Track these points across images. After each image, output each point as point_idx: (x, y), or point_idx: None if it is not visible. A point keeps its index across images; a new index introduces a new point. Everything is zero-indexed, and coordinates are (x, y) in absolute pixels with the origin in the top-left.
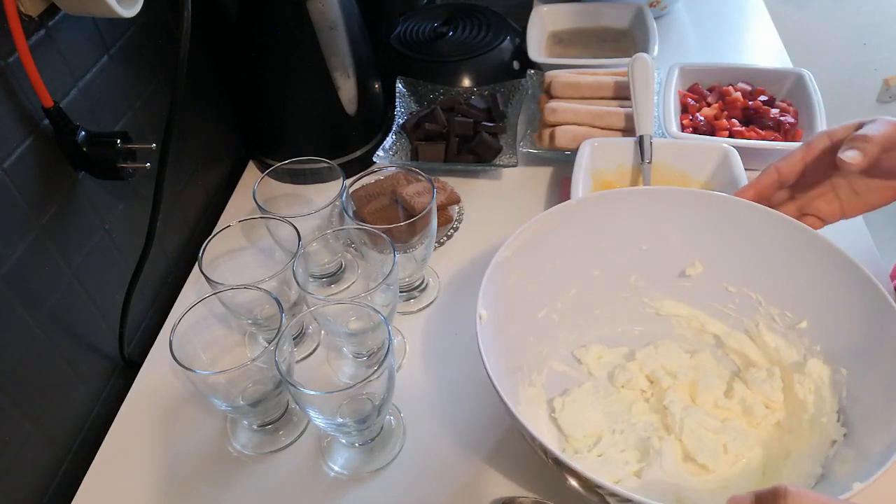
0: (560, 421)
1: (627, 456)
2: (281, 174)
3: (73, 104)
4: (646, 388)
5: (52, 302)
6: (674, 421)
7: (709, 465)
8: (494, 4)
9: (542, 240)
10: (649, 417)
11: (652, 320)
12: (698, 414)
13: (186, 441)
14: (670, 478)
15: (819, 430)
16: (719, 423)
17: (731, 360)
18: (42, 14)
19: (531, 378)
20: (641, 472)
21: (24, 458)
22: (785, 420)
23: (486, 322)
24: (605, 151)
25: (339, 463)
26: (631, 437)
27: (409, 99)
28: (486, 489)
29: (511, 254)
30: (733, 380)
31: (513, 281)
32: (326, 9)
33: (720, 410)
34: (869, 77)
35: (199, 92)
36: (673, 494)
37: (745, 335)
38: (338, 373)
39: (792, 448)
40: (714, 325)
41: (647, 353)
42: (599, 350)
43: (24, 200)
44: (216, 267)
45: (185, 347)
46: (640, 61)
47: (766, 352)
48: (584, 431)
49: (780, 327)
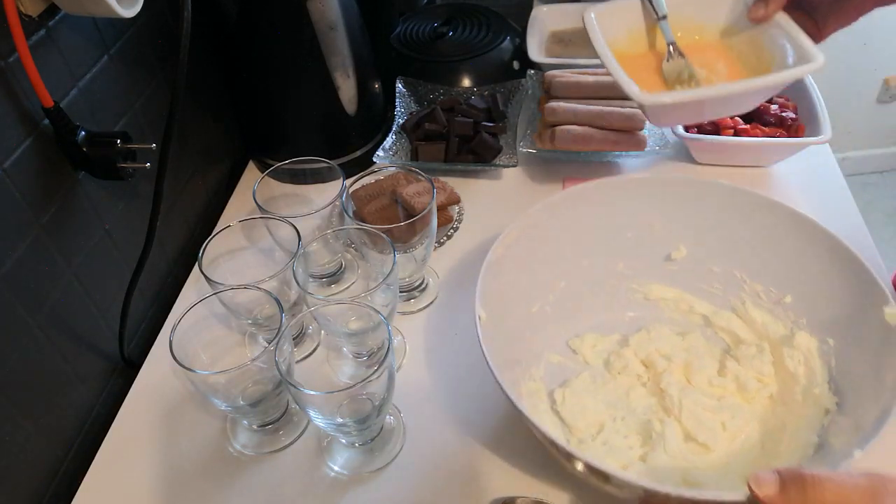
0: (562, 413)
1: (631, 441)
2: (281, 174)
3: (73, 104)
4: (642, 372)
5: (52, 302)
6: (672, 403)
7: (710, 444)
8: (494, 4)
9: (529, 236)
10: (648, 401)
11: (641, 305)
12: (695, 394)
13: (186, 441)
14: (675, 460)
15: (812, 401)
16: (716, 401)
17: (720, 339)
18: (42, 14)
19: (530, 372)
20: (646, 457)
21: (24, 458)
22: (778, 393)
23: (485, 321)
24: (611, 20)
25: (339, 463)
26: (632, 422)
27: (409, 99)
28: (487, 489)
29: (502, 253)
30: (725, 358)
31: (506, 279)
32: (326, 9)
33: (715, 389)
34: (869, 77)
35: (199, 92)
36: (679, 475)
37: (732, 313)
38: (338, 373)
39: (787, 420)
40: (702, 305)
41: (639, 338)
42: (593, 339)
43: (24, 200)
44: (216, 267)
45: (185, 347)
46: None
47: (753, 328)
48: (586, 421)
49: (766, 303)
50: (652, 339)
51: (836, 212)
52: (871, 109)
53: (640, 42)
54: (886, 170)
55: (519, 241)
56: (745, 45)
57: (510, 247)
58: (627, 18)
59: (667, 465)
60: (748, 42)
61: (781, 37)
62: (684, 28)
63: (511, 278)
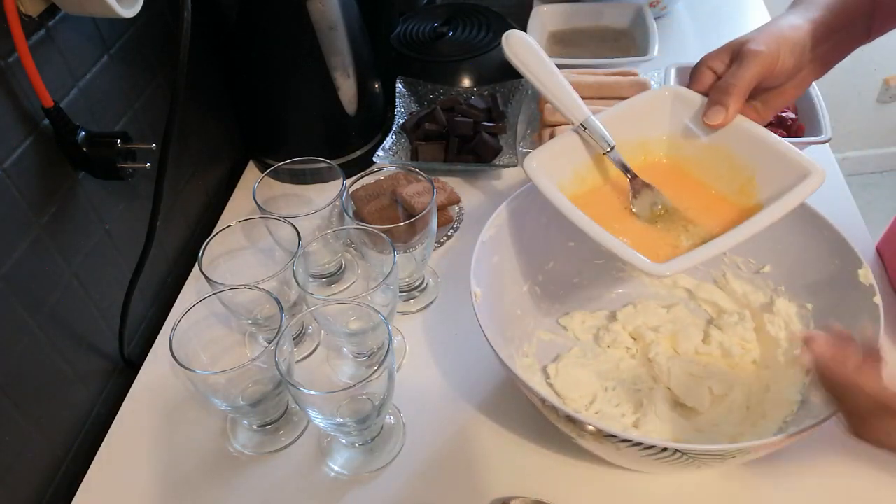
0: (556, 386)
1: (623, 409)
2: (281, 174)
3: (73, 104)
4: (630, 345)
5: (52, 302)
6: (661, 371)
7: (698, 407)
8: (494, 4)
9: (518, 217)
10: (637, 371)
11: (627, 282)
12: (682, 362)
13: (186, 441)
14: (665, 424)
15: (794, 362)
16: (702, 368)
17: (704, 311)
18: (42, 14)
19: (523, 349)
20: (639, 423)
21: (24, 458)
22: (761, 358)
23: (480, 300)
24: (554, 164)
25: (339, 463)
26: (623, 391)
27: (409, 99)
28: (486, 489)
29: (494, 233)
30: (709, 327)
31: (497, 259)
32: (326, 9)
33: (701, 356)
34: (869, 77)
35: (199, 92)
36: (669, 436)
37: (713, 285)
38: (338, 373)
39: (770, 382)
40: (684, 279)
41: (627, 312)
42: (582, 315)
43: (24, 200)
44: (216, 267)
45: (185, 347)
46: (513, 38)
47: (734, 298)
48: (579, 392)
49: (746, 273)
50: (639, 312)
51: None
52: (871, 109)
53: (589, 178)
54: (886, 170)
55: (509, 221)
56: (707, 156)
57: (501, 227)
58: (571, 157)
59: (658, 429)
60: (709, 151)
61: (751, 141)
62: (627, 150)
63: (502, 258)
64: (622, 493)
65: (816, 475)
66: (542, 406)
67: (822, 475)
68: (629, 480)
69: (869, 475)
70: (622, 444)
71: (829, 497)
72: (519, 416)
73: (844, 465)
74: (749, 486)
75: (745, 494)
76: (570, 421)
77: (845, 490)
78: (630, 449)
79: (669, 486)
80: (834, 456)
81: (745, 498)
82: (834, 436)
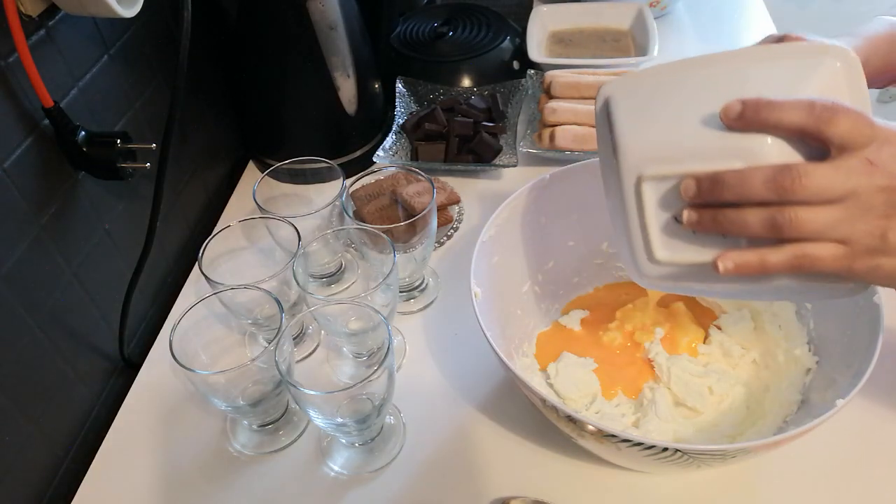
0: (556, 385)
1: (623, 409)
2: (281, 174)
3: (73, 104)
4: (630, 344)
5: (52, 302)
6: (661, 371)
7: (698, 407)
8: (494, 4)
9: (518, 217)
10: (637, 371)
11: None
12: (682, 361)
13: (186, 441)
14: (666, 423)
15: (794, 361)
16: (702, 367)
17: (704, 309)
18: (42, 14)
19: (523, 349)
20: (639, 423)
21: (23, 459)
22: (760, 357)
23: (480, 300)
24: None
25: (339, 463)
26: (623, 392)
27: (409, 99)
28: (486, 489)
29: (493, 233)
30: (708, 326)
31: (497, 259)
32: (326, 9)
33: (701, 356)
34: None
35: (199, 92)
36: (670, 437)
37: None
38: (338, 373)
39: (770, 382)
40: None
41: (625, 311)
42: (581, 315)
43: (24, 200)
44: (216, 267)
45: (185, 347)
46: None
47: None
48: (579, 392)
49: None
50: (637, 310)
51: None
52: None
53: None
54: None
55: (509, 221)
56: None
57: (501, 227)
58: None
59: (658, 429)
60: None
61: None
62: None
63: (502, 258)
64: (622, 493)
65: (816, 475)
66: (542, 406)
67: (822, 475)
68: (629, 480)
69: (869, 475)
70: (622, 444)
71: (830, 497)
72: (519, 416)
73: (845, 465)
74: (749, 486)
75: (745, 494)
76: (570, 421)
77: (845, 490)
78: (630, 449)
79: (669, 486)
80: (834, 456)
81: (745, 498)
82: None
